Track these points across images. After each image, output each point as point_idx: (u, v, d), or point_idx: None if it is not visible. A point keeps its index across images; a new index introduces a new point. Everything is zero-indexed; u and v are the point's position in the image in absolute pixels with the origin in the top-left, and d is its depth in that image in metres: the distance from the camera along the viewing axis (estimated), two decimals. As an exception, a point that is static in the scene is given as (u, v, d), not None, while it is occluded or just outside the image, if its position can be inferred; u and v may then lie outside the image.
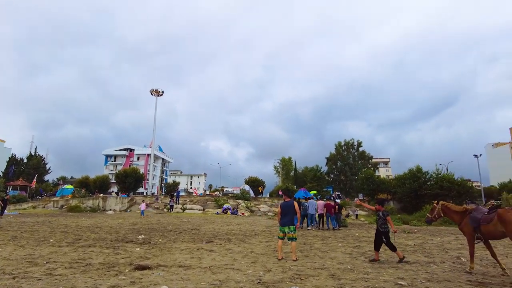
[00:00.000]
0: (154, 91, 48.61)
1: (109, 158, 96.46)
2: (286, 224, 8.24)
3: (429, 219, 8.15)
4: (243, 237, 12.63)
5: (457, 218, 7.46)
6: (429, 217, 8.12)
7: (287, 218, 8.30)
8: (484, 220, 6.66)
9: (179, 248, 9.55)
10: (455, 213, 7.58)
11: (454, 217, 7.60)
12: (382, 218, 8.39)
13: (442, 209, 7.82)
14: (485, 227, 6.64)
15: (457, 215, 7.51)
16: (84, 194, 39.05)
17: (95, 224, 17.96)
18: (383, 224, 8.31)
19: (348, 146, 73.43)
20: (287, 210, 8.35)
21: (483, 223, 6.66)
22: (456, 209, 7.63)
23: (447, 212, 7.76)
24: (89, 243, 10.36)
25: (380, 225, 8.40)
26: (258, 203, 38.70)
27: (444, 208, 7.83)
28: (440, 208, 7.87)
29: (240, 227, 17.39)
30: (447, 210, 7.77)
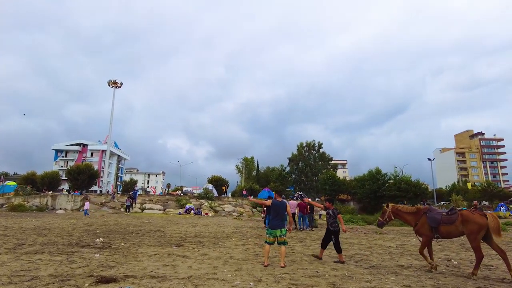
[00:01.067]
0: (112, 82, 45.62)
1: (59, 153, 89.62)
2: (278, 227, 7.32)
3: (380, 222, 8.05)
4: (216, 240, 11.57)
5: (411, 219, 7.46)
6: (381, 220, 8.02)
7: (279, 220, 7.43)
8: (447, 221, 6.80)
9: (146, 254, 8.30)
10: (407, 214, 7.59)
11: (407, 218, 7.57)
12: (333, 217, 8.08)
13: (393, 212, 7.80)
14: (445, 228, 6.81)
15: (410, 216, 7.53)
16: (30, 191, 35.37)
17: (42, 225, 15.88)
18: (333, 223, 8.02)
19: (310, 147, 74.51)
20: (280, 211, 7.49)
21: (444, 223, 6.81)
22: (408, 210, 7.64)
23: (398, 214, 7.75)
24: (36, 249, 8.75)
25: (330, 224, 8.08)
26: (222, 203, 37.56)
27: (395, 210, 7.79)
28: (390, 211, 7.83)
29: (208, 229, 16.26)
30: (399, 212, 7.76)
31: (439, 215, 6.97)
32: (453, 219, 6.74)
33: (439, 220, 6.88)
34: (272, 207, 7.56)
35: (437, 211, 7.22)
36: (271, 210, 7.69)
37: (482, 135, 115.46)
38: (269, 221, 7.62)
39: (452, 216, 6.80)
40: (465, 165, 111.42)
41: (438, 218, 6.91)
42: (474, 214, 6.67)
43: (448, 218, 6.84)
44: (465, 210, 6.94)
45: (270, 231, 7.35)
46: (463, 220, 6.63)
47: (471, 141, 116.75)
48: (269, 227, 7.46)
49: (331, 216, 8.08)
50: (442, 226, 6.84)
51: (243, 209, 35.46)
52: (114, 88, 45.75)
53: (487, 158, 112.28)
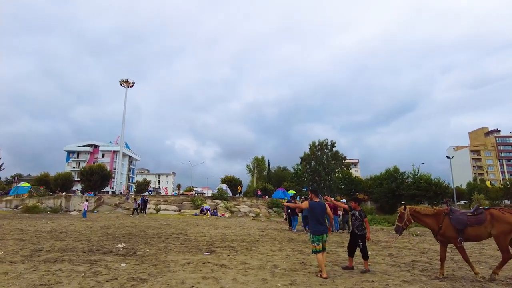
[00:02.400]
0: (124, 81, 45.02)
1: (71, 155, 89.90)
2: (323, 232, 6.40)
3: (398, 228, 6.90)
4: (246, 244, 10.56)
5: (432, 222, 6.60)
6: (399, 225, 6.87)
7: (322, 223, 6.47)
8: (474, 222, 6.13)
9: (177, 262, 7.33)
10: (427, 216, 6.70)
11: (427, 221, 6.67)
12: (359, 219, 7.10)
13: (412, 215, 6.79)
14: (473, 229, 6.13)
15: (430, 219, 6.65)
16: (44, 192, 34.96)
17: (58, 228, 15.10)
18: (360, 226, 7.05)
19: (322, 146, 73.05)
20: (320, 213, 6.51)
21: (471, 224, 6.13)
22: (428, 212, 6.78)
23: (418, 217, 6.79)
24: (54, 256, 7.86)
25: (356, 227, 7.10)
26: (237, 203, 36.60)
27: (414, 213, 6.80)
28: (408, 214, 6.77)
29: (232, 231, 15.28)
30: (418, 215, 6.79)
31: (464, 216, 6.26)
32: (482, 220, 6.09)
33: (465, 221, 6.16)
34: (310, 210, 6.58)
35: (460, 211, 6.54)
36: (309, 214, 6.72)
37: (498, 132, 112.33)
38: (312, 226, 6.58)
39: (480, 216, 6.13)
40: (480, 163, 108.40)
41: (464, 219, 6.19)
42: (504, 213, 6.07)
43: (475, 218, 6.15)
44: (493, 209, 6.30)
45: (318, 237, 6.34)
46: (492, 220, 6.03)
47: (486, 139, 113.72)
48: (315, 233, 6.42)
49: (357, 218, 7.11)
50: (469, 228, 6.13)
51: (259, 210, 34.48)
52: (126, 87, 45.15)
53: (504, 156, 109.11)
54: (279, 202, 36.73)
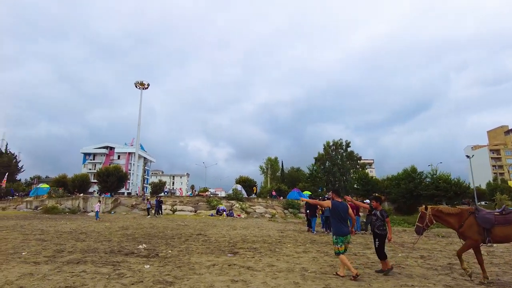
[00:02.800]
0: (139, 83, 45.39)
1: (87, 157, 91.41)
2: (347, 233, 6.22)
3: (419, 229, 6.54)
4: (269, 246, 10.27)
5: (454, 222, 6.34)
6: (420, 226, 6.53)
7: (346, 224, 6.26)
8: (503, 221, 5.81)
9: (202, 264, 7.10)
10: (451, 216, 6.41)
11: (450, 220, 6.39)
12: (380, 219, 6.75)
13: (434, 215, 6.47)
14: (501, 229, 5.81)
15: (453, 218, 6.38)
16: (62, 193, 35.50)
17: (78, 228, 15.13)
18: (381, 226, 6.74)
19: (337, 146, 72.11)
20: (342, 213, 6.28)
21: (500, 224, 5.82)
22: (451, 211, 6.49)
23: (440, 217, 6.48)
24: (77, 257, 7.74)
25: (377, 227, 6.77)
26: (252, 204, 36.33)
27: (436, 213, 6.48)
28: (430, 214, 6.44)
29: (251, 232, 15.01)
30: (440, 214, 6.48)
31: (491, 215, 5.99)
32: (511, 219, 5.79)
33: (493, 220, 5.88)
34: (333, 209, 6.32)
35: (486, 210, 6.28)
36: (331, 214, 6.42)
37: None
38: (335, 227, 6.34)
39: (509, 216, 5.83)
40: (500, 162, 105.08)
41: (491, 218, 5.90)
42: None
43: (504, 218, 5.85)
44: None
45: (341, 238, 6.14)
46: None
47: (506, 137, 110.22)
48: (338, 234, 6.19)
49: (378, 218, 6.75)
50: (497, 228, 5.83)
51: (275, 211, 34.14)
52: (141, 89, 45.51)
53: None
54: (294, 203, 36.33)
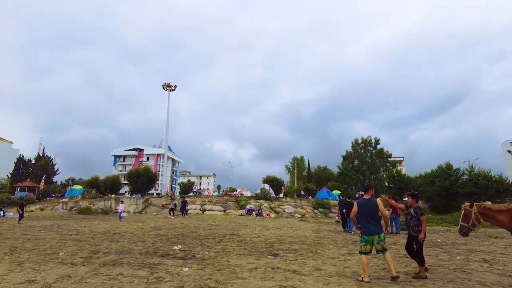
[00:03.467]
0: (166, 85, 45.94)
1: (117, 159, 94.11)
2: (375, 232, 5.63)
3: (464, 228, 5.76)
4: (309, 247, 9.67)
5: (506, 219, 5.59)
6: (465, 226, 5.73)
7: (373, 223, 5.68)
8: None
9: (243, 267, 6.63)
10: (501, 213, 5.63)
11: (501, 218, 5.62)
12: (415, 218, 5.98)
13: (481, 213, 5.73)
14: None
15: (504, 215, 5.61)
16: (95, 194, 36.42)
17: (111, 229, 15.15)
18: (416, 226, 5.97)
19: (366, 143, 70.00)
20: (368, 211, 5.71)
21: None
22: (501, 208, 5.71)
23: (488, 214, 5.73)
24: (113, 259, 7.49)
25: (412, 227, 6.03)
26: (281, 203, 35.70)
27: (484, 210, 5.73)
28: (476, 212, 5.71)
29: (285, 232, 14.45)
30: (488, 212, 5.72)
31: None
32: None
33: None
34: (359, 208, 5.82)
35: None
36: (359, 212, 5.87)
37: None
38: (361, 226, 5.82)
39: None
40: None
41: None
42: None
43: None
44: None
45: (366, 238, 5.68)
46: None
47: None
48: (364, 233, 5.71)
49: (413, 217, 6.00)
50: None
51: (305, 210, 33.37)
52: (168, 91, 46.03)
53: None
54: (325, 203, 35.46)
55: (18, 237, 12.00)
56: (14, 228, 15.68)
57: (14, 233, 13.47)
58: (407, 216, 6.23)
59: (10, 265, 6.80)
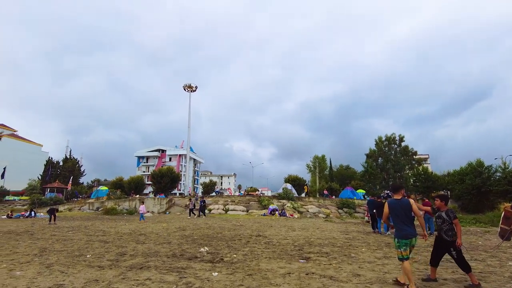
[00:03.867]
0: (187, 86, 46.21)
1: (141, 160, 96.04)
2: (412, 235, 5.18)
3: (506, 232, 5.11)
4: (340, 250, 9.20)
5: None
6: (506, 229, 5.10)
7: (410, 225, 5.23)
8: None
9: (275, 272, 6.27)
10: None
11: None
12: (447, 221, 5.48)
13: None
14: None
15: None
16: (120, 195, 37.07)
17: (137, 230, 15.16)
18: (449, 230, 5.45)
19: (390, 141, 68.08)
20: (403, 212, 5.23)
21: None
22: None
23: None
24: (139, 262, 7.31)
25: (444, 232, 5.50)
26: (304, 203, 35.10)
27: None
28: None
29: (312, 233, 13.99)
30: None
31: None
32: None
33: None
34: (391, 209, 5.35)
35: None
36: (391, 214, 5.36)
37: None
38: (396, 229, 5.30)
39: None
40: None
41: None
42: None
43: None
44: None
45: (404, 241, 5.15)
46: None
47: None
48: (401, 237, 5.19)
49: (444, 221, 5.48)
50: None
51: (329, 210, 32.66)
52: (189, 92, 46.32)
53: None
54: (349, 202, 34.64)
55: (48, 237, 12.15)
56: (44, 228, 15.98)
57: (44, 233, 13.69)
58: (437, 220, 5.70)
59: (39, 267, 6.74)
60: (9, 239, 11.69)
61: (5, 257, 7.97)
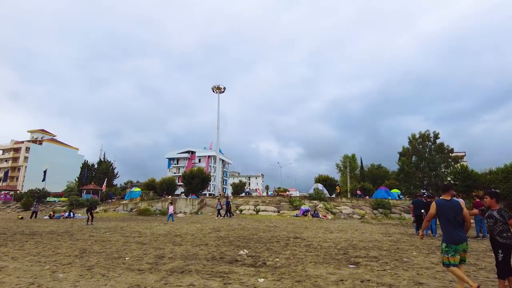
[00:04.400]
0: (216, 88, 46.48)
1: (171, 161, 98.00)
2: (463, 240, 4.69)
3: None
4: (389, 254, 8.54)
5: None
6: None
7: (460, 229, 4.72)
8: None
9: (325, 278, 5.78)
10: None
11: None
12: (501, 221, 4.75)
13: None
14: None
15: None
16: (153, 196, 37.73)
17: (172, 231, 15.10)
18: (503, 232, 4.72)
19: (424, 138, 65.14)
20: (456, 216, 4.71)
21: None
22: None
23: None
24: (179, 265, 7.05)
25: (498, 233, 4.77)
26: (337, 204, 34.13)
27: None
28: None
29: (351, 235, 13.31)
30: None
31: None
32: None
33: None
34: (439, 210, 4.85)
35: None
36: (439, 216, 4.84)
37: None
38: (445, 233, 4.75)
39: None
40: None
41: None
42: None
43: None
44: None
45: (454, 247, 4.65)
46: None
47: None
48: (450, 242, 4.68)
49: (497, 221, 4.78)
50: None
51: (363, 211, 31.54)
52: (218, 93, 46.55)
53: None
54: (385, 203, 33.36)
55: (87, 238, 12.28)
56: (83, 229, 16.31)
57: (83, 234, 13.90)
58: (488, 220, 4.99)
59: (80, 270, 6.63)
60: (51, 239, 11.91)
61: (48, 258, 8.00)
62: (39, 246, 10.13)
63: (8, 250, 9.40)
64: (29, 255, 8.46)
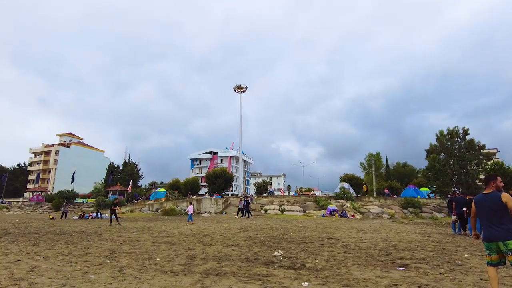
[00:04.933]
0: (238, 87, 46.34)
1: (194, 162, 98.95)
2: (495, 238, 4.12)
3: None
4: (436, 255, 7.85)
5: None
6: None
7: (496, 225, 4.13)
8: None
9: (376, 282, 5.23)
10: None
11: None
12: None
13: None
14: None
15: None
16: (178, 196, 37.95)
17: (199, 230, 14.85)
18: None
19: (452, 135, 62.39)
20: (491, 210, 4.21)
21: None
22: None
23: None
24: (213, 267, 6.68)
25: None
26: (364, 203, 33.10)
27: None
28: None
29: (388, 236, 12.59)
30: None
31: None
32: None
33: None
34: (477, 206, 4.44)
35: None
36: (477, 212, 4.49)
37: None
38: (483, 230, 4.32)
39: None
40: None
41: None
42: None
43: None
44: None
45: (487, 244, 4.28)
46: None
47: None
48: (484, 239, 4.34)
49: None
50: None
51: (393, 210, 30.44)
52: (240, 93, 46.37)
53: None
54: (414, 201, 32.13)
55: (115, 238, 12.17)
56: (111, 229, 16.34)
57: (112, 234, 13.86)
58: None
59: (112, 271, 6.38)
60: (81, 239, 11.88)
61: (79, 258, 7.83)
62: (70, 246, 10.06)
63: (40, 249, 9.37)
64: (60, 255, 8.34)
